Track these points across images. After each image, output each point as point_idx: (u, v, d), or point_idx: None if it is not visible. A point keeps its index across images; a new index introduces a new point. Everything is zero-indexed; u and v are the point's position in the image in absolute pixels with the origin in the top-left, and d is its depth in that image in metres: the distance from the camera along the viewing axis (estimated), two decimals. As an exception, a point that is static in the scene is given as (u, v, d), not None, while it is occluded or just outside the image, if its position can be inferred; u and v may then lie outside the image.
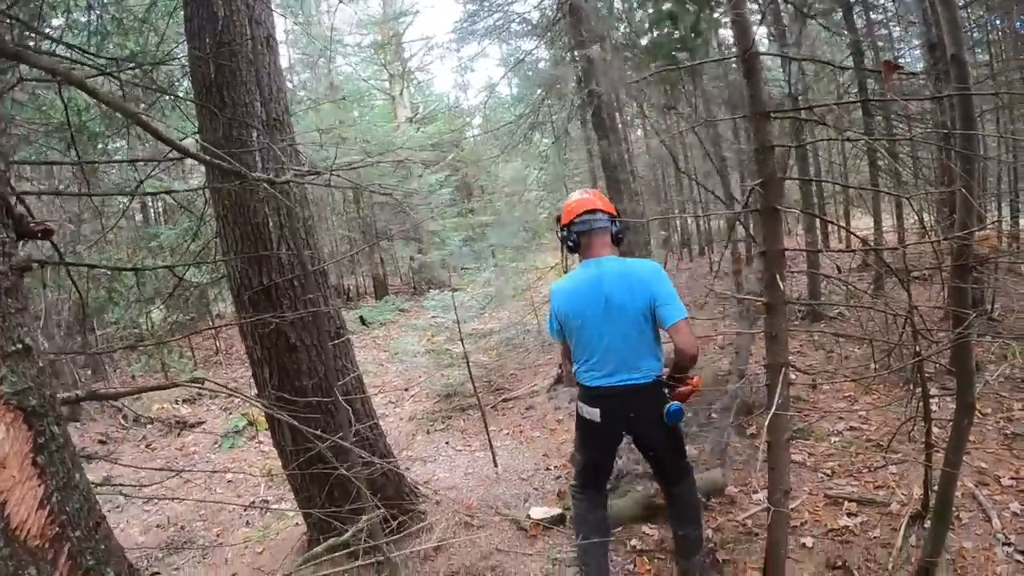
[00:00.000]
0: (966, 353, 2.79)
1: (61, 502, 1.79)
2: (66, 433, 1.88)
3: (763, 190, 2.37)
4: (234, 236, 4.18)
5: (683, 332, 3.18)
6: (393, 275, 19.81)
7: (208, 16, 4.05)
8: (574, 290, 3.45)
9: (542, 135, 12.07)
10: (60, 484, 1.79)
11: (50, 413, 1.82)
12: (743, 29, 2.30)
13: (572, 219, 3.50)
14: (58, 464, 1.81)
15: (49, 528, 1.73)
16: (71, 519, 1.81)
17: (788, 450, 2.69)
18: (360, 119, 17.20)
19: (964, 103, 2.67)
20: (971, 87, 2.60)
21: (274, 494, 6.33)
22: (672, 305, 3.21)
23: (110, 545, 1.99)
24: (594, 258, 3.44)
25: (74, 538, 1.80)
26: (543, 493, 5.09)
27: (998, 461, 4.57)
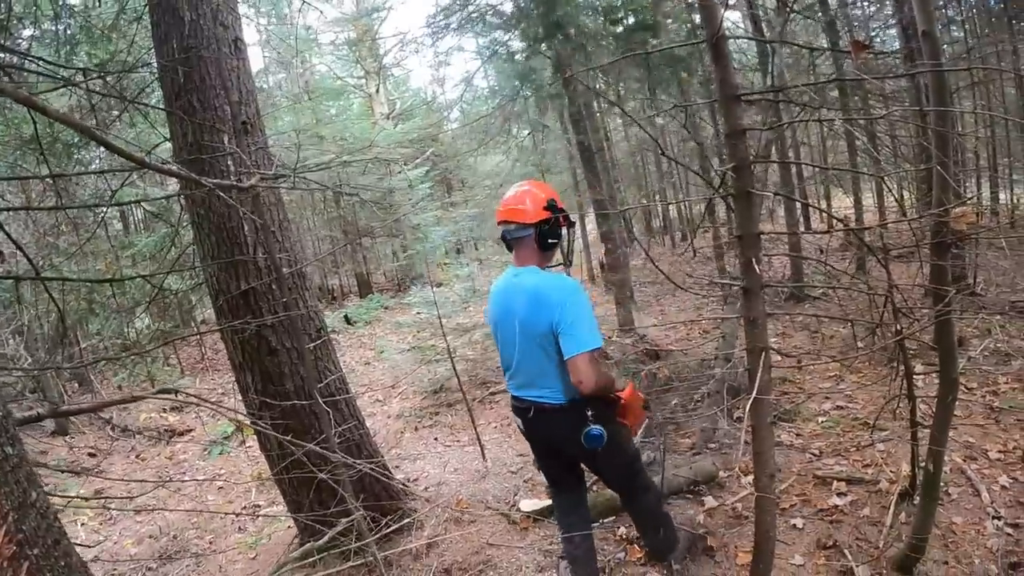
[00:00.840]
0: (947, 329, 2.79)
1: (18, 521, 1.78)
2: (22, 453, 1.87)
3: (736, 174, 2.35)
4: (210, 242, 4.15)
5: (579, 366, 2.86)
6: (377, 273, 19.75)
7: (174, 21, 4.00)
8: (495, 296, 3.33)
9: (519, 127, 12.04)
10: (16, 503, 1.79)
11: (2, 433, 1.81)
12: (711, 13, 2.28)
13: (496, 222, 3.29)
14: (12, 484, 1.80)
15: (7, 547, 1.73)
16: (28, 537, 1.81)
17: (772, 433, 2.68)
18: (337, 117, 17.10)
19: (937, 79, 2.66)
20: (943, 63, 2.58)
21: (265, 498, 6.30)
22: (573, 336, 2.88)
23: (71, 562, 1.98)
24: (516, 267, 3.21)
25: (32, 556, 1.80)
26: (532, 485, 5.07)
27: (985, 435, 4.62)
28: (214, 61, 4.05)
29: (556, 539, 4.17)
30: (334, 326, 13.87)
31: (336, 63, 20.90)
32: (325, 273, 18.69)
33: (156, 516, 6.16)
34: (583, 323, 2.89)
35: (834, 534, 3.72)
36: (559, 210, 3.17)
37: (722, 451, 5.00)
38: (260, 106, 4.52)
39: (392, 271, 18.77)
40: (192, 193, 4.01)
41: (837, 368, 6.19)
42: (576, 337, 2.87)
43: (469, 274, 9.85)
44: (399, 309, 14.62)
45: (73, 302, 8.78)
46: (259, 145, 4.25)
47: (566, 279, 3.05)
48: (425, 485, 5.47)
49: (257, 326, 4.04)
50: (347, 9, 19.20)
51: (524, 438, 3.52)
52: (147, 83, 5.73)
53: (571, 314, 2.89)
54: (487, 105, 14.69)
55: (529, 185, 3.25)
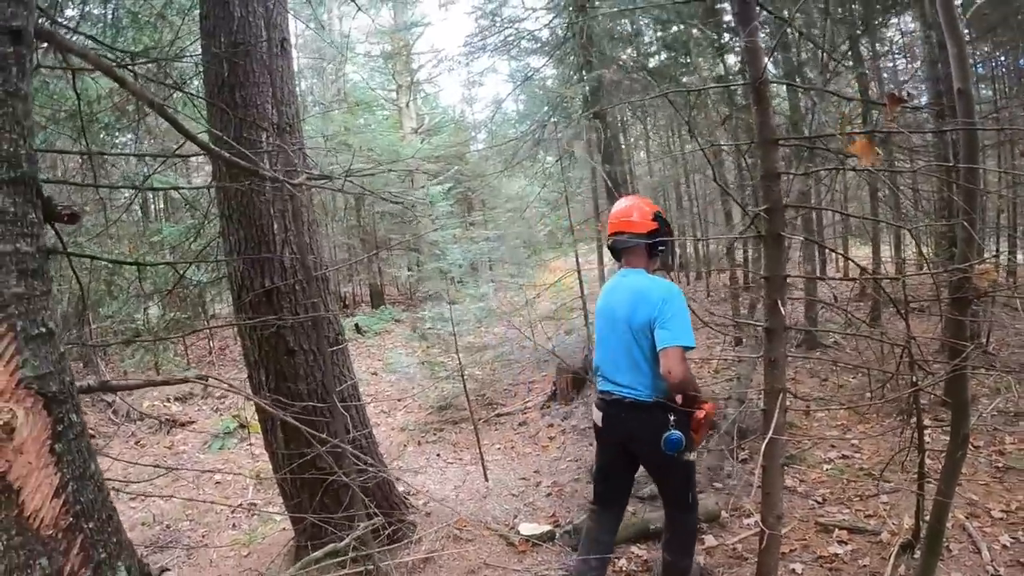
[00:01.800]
0: (962, 385, 2.81)
1: (76, 492, 1.74)
2: (83, 422, 1.84)
3: (768, 216, 2.39)
4: (238, 236, 4.19)
5: (670, 357, 3.11)
6: (390, 285, 19.81)
7: (224, 15, 4.07)
8: (605, 293, 3.63)
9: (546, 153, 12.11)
10: (76, 474, 1.75)
11: (69, 400, 1.77)
12: (755, 56, 2.32)
13: (608, 234, 3.59)
14: (75, 453, 1.76)
15: (63, 518, 1.68)
16: (85, 510, 1.76)
17: (782, 475, 2.70)
18: (366, 127, 17.26)
19: (969, 137, 2.70)
20: (976, 121, 2.62)
21: (263, 498, 6.31)
22: (669, 330, 3.14)
23: (121, 539, 1.94)
24: (624, 268, 3.54)
25: (88, 529, 1.75)
26: (533, 509, 5.08)
27: (989, 493, 4.59)
28: (260, 59, 4.11)
29: (554, 565, 4.17)
30: (345, 334, 13.90)
31: (369, 74, 21.12)
32: (339, 281, 18.75)
33: (150, 503, 6.18)
34: (680, 320, 3.15)
35: (833, 582, 3.71)
36: (665, 222, 3.51)
37: (725, 491, 4.99)
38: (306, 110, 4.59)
39: (405, 284, 18.83)
40: (229, 185, 4.05)
41: (844, 417, 6.17)
42: (672, 331, 3.13)
43: (483, 295, 9.89)
44: (410, 322, 14.66)
45: (93, 283, 8.84)
46: (298, 145, 4.31)
47: (669, 283, 3.35)
48: (425, 500, 5.46)
49: (277, 326, 4.08)
50: (384, 21, 19.44)
51: (596, 435, 3.73)
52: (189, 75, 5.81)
53: (670, 311, 3.16)
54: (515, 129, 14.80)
55: (636, 200, 3.59)
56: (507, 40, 10.49)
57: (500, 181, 14.86)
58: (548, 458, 6.17)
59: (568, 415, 7.01)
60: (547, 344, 9.15)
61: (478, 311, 9.32)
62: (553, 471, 5.82)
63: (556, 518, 4.89)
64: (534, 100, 13.07)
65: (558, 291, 10.72)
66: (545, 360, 9.02)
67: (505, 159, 11.50)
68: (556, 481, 5.56)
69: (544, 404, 7.57)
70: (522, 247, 13.95)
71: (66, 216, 1.93)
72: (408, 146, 16.55)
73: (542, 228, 13.43)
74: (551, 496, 5.31)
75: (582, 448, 6.20)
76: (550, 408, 7.41)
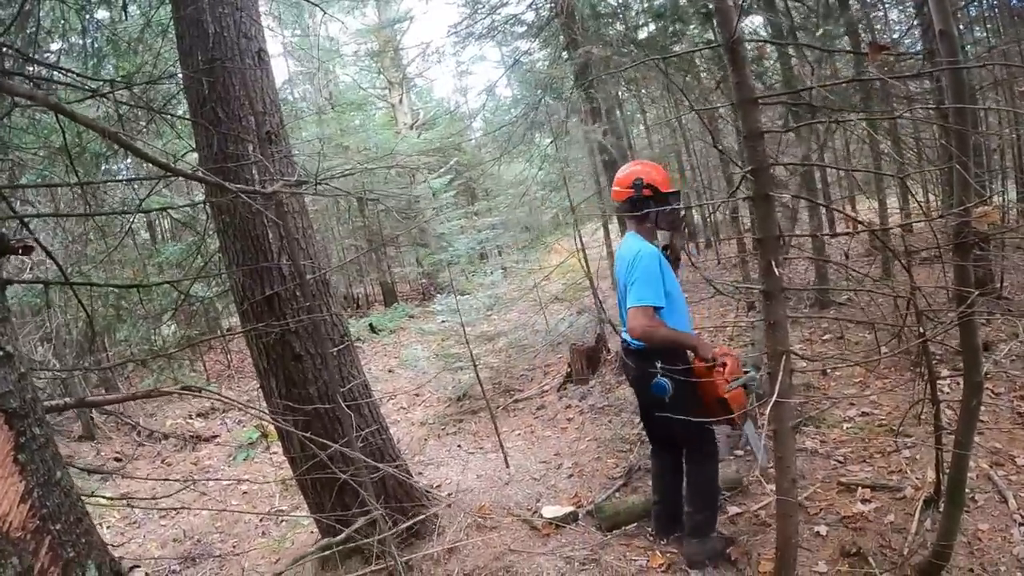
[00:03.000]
0: (971, 332, 2.75)
1: (42, 497, 1.91)
2: (48, 434, 2.02)
3: (755, 177, 2.34)
4: (235, 249, 4.22)
5: (631, 316, 3.48)
6: (401, 282, 19.81)
7: (199, 34, 4.10)
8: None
9: (542, 135, 12.06)
10: (41, 481, 1.92)
11: (31, 415, 1.94)
12: (726, 17, 2.27)
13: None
14: (39, 462, 1.93)
15: (31, 521, 1.85)
16: (52, 513, 1.93)
17: (793, 438, 2.66)
18: (361, 128, 17.25)
19: (955, 78, 2.64)
20: (960, 61, 2.56)
21: (289, 503, 6.34)
22: (632, 291, 3.49)
23: (92, 540, 2.10)
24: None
25: (55, 531, 1.92)
26: (555, 492, 5.07)
27: (1012, 440, 4.52)
28: (238, 72, 4.14)
29: (578, 546, 4.17)
30: (359, 335, 13.94)
31: (360, 74, 21.07)
32: (350, 282, 18.78)
33: (180, 520, 6.23)
34: (642, 281, 3.47)
35: (858, 541, 3.67)
36: (644, 186, 3.69)
37: (747, 458, 4.97)
38: (285, 117, 4.59)
39: (416, 280, 18.83)
40: (217, 200, 4.07)
41: (862, 374, 6.11)
42: (634, 292, 3.48)
43: (493, 282, 9.87)
44: (424, 317, 14.66)
45: (101, 309, 8.92)
46: (283, 154, 4.31)
47: (642, 244, 3.63)
48: (448, 491, 5.47)
49: (281, 332, 4.10)
50: (369, 20, 19.37)
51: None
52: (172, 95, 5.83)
53: (635, 273, 3.50)
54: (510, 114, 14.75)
55: (630, 166, 3.89)
56: (492, 26, 10.44)
57: (500, 168, 14.81)
58: (568, 440, 6.16)
59: (585, 395, 6.99)
60: (560, 326, 9.14)
61: (488, 299, 9.30)
62: (573, 452, 5.82)
63: (579, 499, 4.89)
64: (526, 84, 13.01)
65: (566, 271, 10.69)
66: (559, 342, 9.01)
67: (500, 145, 11.46)
68: (577, 462, 5.55)
69: (561, 386, 7.55)
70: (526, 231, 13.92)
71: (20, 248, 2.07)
72: (404, 142, 16.52)
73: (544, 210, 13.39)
74: (572, 477, 5.31)
75: (601, 427, 6.19)
76: (567, 390, 7.39)
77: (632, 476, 4.96)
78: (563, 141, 11.07)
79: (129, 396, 2.92)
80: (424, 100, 24.51)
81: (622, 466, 5.25)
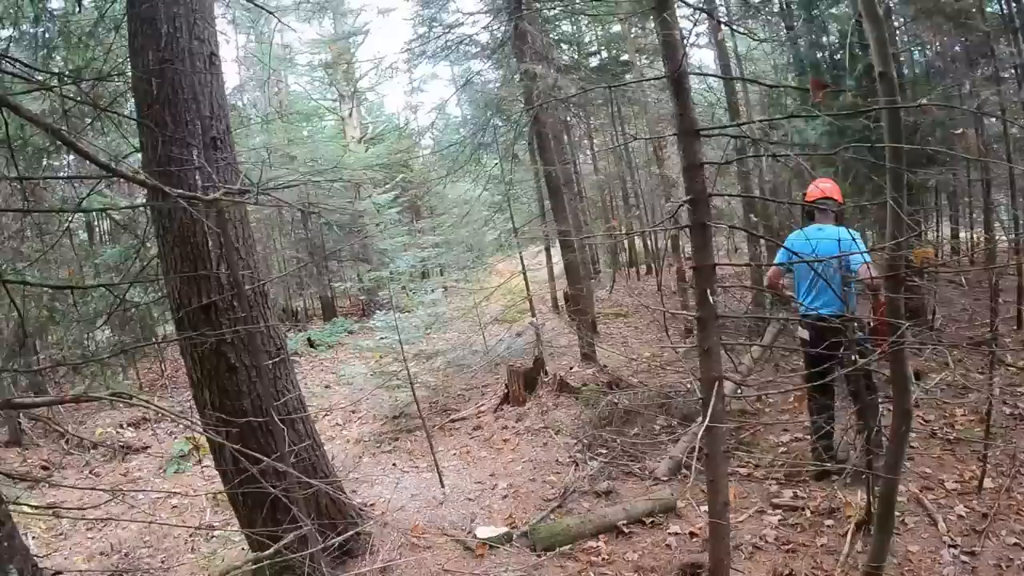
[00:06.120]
0: (900, 361, 2.83)
1: None
2: None
3: (693, 207, 2.39)
4: (174, 255, 4.09)
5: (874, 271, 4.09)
6: (342, 297, 19.56)
7: (151, 33, 3.99)
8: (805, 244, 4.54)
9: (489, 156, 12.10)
10: None
11: None
12: (673, 50, 2.32)
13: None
14: None
15: None
16: None
17: (726, 462, 2.70)
18: (310, 139, 17.09)
19: (892, 118, 2.73)
20: (898, 102, 2.66)
21: (221, 519, 6.16)
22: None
23: (14, 544, 2.06)
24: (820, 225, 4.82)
25: None
26: (490, 513, 5.04)
27: (942, 465, 4.72)
28: (187, 75, 4.04)
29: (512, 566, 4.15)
30: (297, 349, 13.72)
31: (311, 84, 20.91)
32: (290, 295, 18.45)
33: (108, 533, 6.01)
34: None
35: (791, 563, 3.74)
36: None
37: (679, 480, 5.03)
38: (233, 123, 4.51)
39: (357, 295, 18.63)
40: (158, 204, 3.97)
41: (797, 400, 6.25)
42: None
43: (434, 300, 9.83)
44: (363, 333, 14.50)
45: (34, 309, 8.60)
46: (228, 161, 4.23)
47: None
48: (382, 510, 5.38)
49: (217, 343, 3.99)
50: (326, 31, 19.25)
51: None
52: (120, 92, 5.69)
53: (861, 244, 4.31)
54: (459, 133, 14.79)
55: (829, 182, 5.07)
56: (446, 45, 10.46)
57: (445, 187, 14.82)
58: (503, 460, 6.14)
59: (521, 416, 6.98)
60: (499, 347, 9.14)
61: (428, 317, 9.26)
62: (509, 473, 5.79)
63: (513, 520, 4.86)
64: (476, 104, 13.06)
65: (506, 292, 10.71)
66: (497, 363, 9.00)
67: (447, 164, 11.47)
68: (512, 483, 5.53)
69: (497, 407, 7.52)
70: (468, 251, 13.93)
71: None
72: (351, 155, 16.42)
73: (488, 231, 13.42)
74: (507, 498, 5.28)
75: (537, 448, 6.19)
76: (503, 411, 7.37)
77: (567, 498, 4.96)
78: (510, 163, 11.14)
79: (57, 399, 2.81)
80: (374, 115, 24.40)
81: (557, 488, 5.24)
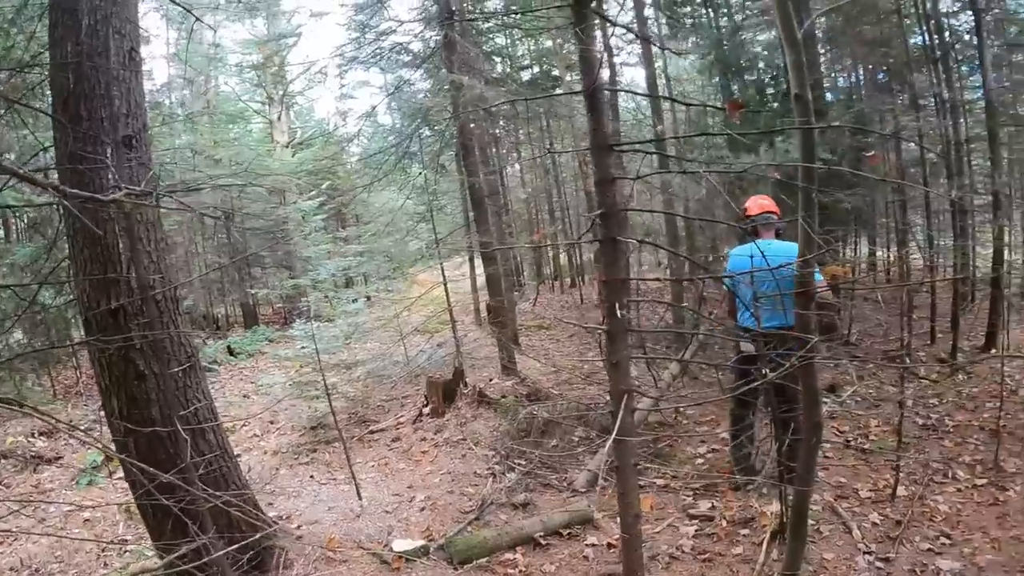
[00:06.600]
0: (810, 375, 2.91)
1: None
2: None
3: (603, 221, 2.41)
4: (84, 256, 3.93)
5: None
6: (264, 304, 19.12)
7: (72, 24, 3.82)
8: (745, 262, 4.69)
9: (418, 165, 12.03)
10: None
11: None
12: (590, 65, 2.34)
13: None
14: None
15: None
16: None
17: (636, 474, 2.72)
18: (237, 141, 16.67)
19: (806, 139, 2.81)
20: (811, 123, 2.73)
21: (133, 533, 5.93)
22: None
23: None
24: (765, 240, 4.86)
25: None
26: (407, 525, 4.98)
27: (856, 475, 4.91)
28: (105, 70, 3.89)
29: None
30: (216, 357, 13.34)
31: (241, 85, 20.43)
32: (211, 302, 17.95)
33: (18, 547, 5.72)
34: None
35: (707, 573, 3.81)
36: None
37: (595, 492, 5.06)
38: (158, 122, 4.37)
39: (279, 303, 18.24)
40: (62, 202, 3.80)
41: (715, 412, 6.37)
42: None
43: (356, 310, 9.70)
44: (283, 342, 14.22)
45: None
46: (141, 161, 4.08)
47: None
48: (298, 523, 5.27)
49: (125, 349, 3.84)
50: (259, 31, 18.84)
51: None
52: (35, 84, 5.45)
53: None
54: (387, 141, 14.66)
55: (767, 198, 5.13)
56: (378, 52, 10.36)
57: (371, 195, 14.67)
58: (421, 472, 6.08)
59: (440, 428, 6.92)
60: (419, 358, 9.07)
61: (349, 327, 9.13)
62: (427, 485, 5.74)
63: (430, 532, 4.81)
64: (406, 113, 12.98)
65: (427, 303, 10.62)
66: (417, 374, 8.92)
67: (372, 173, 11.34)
68: (430, 495, 5.48)
69: (416, 419, 7.44)
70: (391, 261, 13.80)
71: None
72: (277, 160, 16.11)
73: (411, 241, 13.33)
74: (425, 511, 5.22)
75: (455, 460, 6.16)
76: (422, 422, 7.30)
77: (485, 510, 4.94)
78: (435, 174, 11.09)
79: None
80: (303, 119, 23.98)
81: (475, 500, 5.22)
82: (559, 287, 17.12)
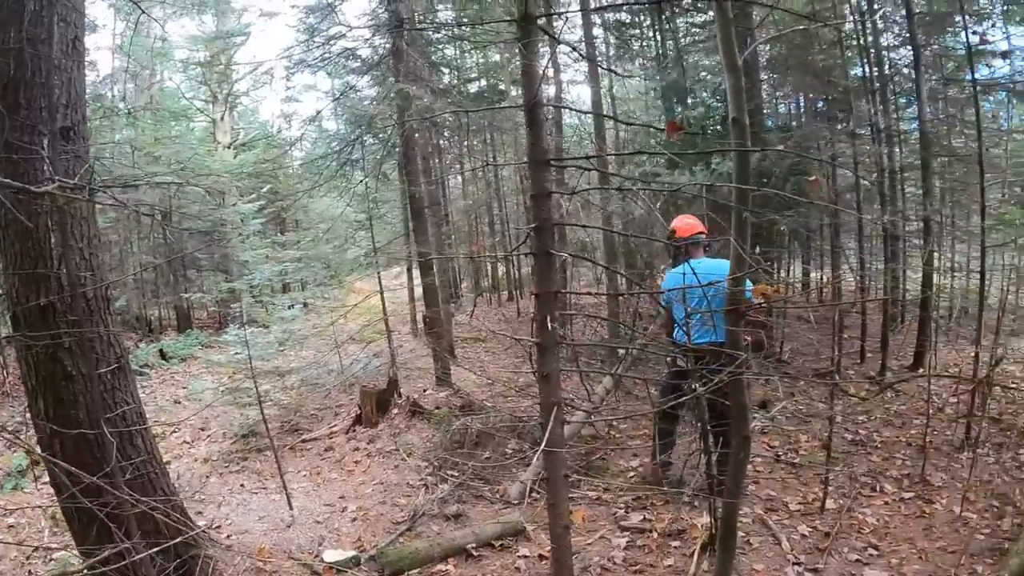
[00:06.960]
0: (739, 390, 2.98)
1: None
2: None
3: (537, 235, 2.45)
4: (14, 250, 3.79)
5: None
6: (199, 307, 18.70)
7: (18, 7, 3.69)
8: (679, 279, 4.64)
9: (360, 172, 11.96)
10: None
11: None
12: (531, 80, 2.38)
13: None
14: None
15: None
16: None
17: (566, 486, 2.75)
18: (179, 138, 16.29)
19: (740, 161, 2.89)
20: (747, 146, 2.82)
21: (59, 541, 5.73)
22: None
23: None
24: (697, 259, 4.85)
25: None
26: (338, 536, 4.93)
27: (785, 488, 5.05)
28: (47, 58, 3.78)
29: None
30: (148, 360, 12.97)
31: (186, 82, 19.99)
32: (144, 303, 17.45)
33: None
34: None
35: (638, 585, 3.85)
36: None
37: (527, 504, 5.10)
38: (98, 115, 4.26)
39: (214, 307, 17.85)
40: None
41: (646, 426, 6.46)
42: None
43: (292, 316, 9.58)
44: (217, 347, 13.92)
45: None
46: (78, 153, 3.98)
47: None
48: (228, 532, 5.17)
49: (53, 348, 3.73)
50: (207, 27, 18.46)
51: None
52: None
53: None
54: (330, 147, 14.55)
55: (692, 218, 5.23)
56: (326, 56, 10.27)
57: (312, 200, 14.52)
58: (354, 483, 6.02)
59: (373, 438, 6.87)
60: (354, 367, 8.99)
61: (283, 334, 9.01)
62: (359, 495, 5.68)
63: (361, 543, 4.78)
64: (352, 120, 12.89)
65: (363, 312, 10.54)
66: (352, 383, 8.84)
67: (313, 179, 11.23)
68: (362, 506, 5.43)
69: (350, 428, 7.36)
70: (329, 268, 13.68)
71: None
72: (218, 160, 15.83)
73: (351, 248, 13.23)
74: (356, 521, 5.18)
75: (388, 471, 6.11)
76: (355, 432, 7.23)
77: (417, 521, 4.92)
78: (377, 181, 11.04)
79: None
80: (247, 120, 23.60)
81: (407, 511, 5.20)
82: (497, 300, 17.15)
